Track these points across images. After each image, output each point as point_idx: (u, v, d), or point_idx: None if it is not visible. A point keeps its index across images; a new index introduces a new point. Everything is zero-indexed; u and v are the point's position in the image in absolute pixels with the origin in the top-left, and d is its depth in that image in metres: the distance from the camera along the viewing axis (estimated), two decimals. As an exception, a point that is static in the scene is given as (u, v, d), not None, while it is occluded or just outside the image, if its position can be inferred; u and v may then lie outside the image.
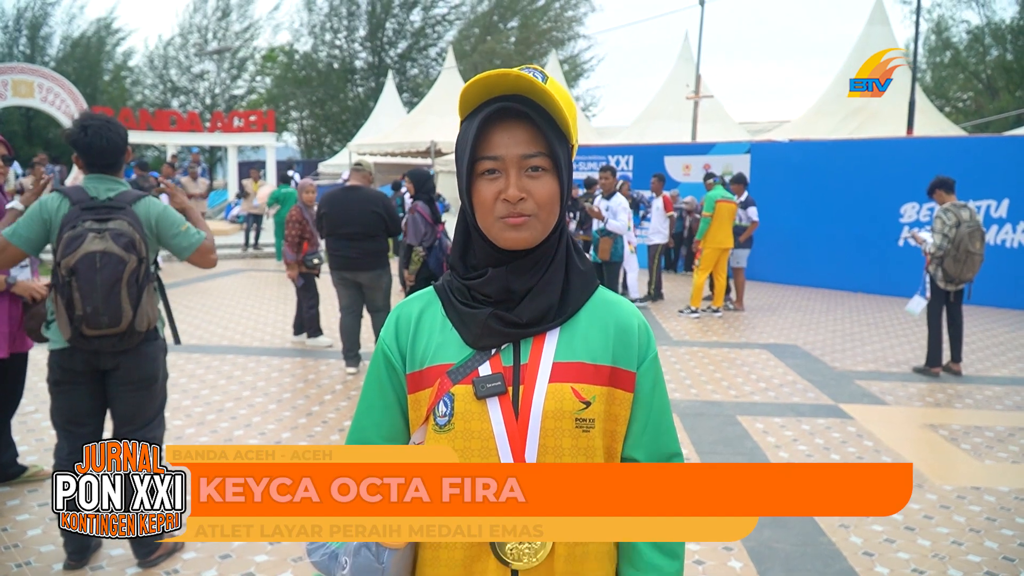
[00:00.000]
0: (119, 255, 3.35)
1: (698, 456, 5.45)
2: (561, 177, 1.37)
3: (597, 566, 1.40)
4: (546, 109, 1.34)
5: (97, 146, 3.50)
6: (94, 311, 3.32)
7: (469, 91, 1.33)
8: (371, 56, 47.40)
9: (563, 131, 1.37)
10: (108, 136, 3.52)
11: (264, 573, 3.75)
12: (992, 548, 4.19)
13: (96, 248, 3.31)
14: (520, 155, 1.33)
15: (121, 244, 3.37)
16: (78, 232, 3.33)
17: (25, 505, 4.44)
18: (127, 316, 3.40)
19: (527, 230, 1.34)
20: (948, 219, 7.45)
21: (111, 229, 3.37)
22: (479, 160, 1.35)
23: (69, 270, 3.29)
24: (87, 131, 3.49)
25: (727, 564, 3.96)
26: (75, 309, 3.32)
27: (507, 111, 1.33)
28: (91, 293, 3.30)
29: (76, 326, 3.34)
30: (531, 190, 1.34)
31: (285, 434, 5.72)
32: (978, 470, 5.36)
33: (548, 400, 1.35)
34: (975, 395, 7.20)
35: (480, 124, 1.33)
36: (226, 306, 11.06)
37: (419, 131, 23.51)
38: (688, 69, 23.55)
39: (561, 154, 1.36)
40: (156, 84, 46.84)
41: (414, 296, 1.50)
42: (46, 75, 25.18)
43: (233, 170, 29.61)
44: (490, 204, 1.35)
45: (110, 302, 3.34)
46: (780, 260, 14.26)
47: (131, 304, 3.41)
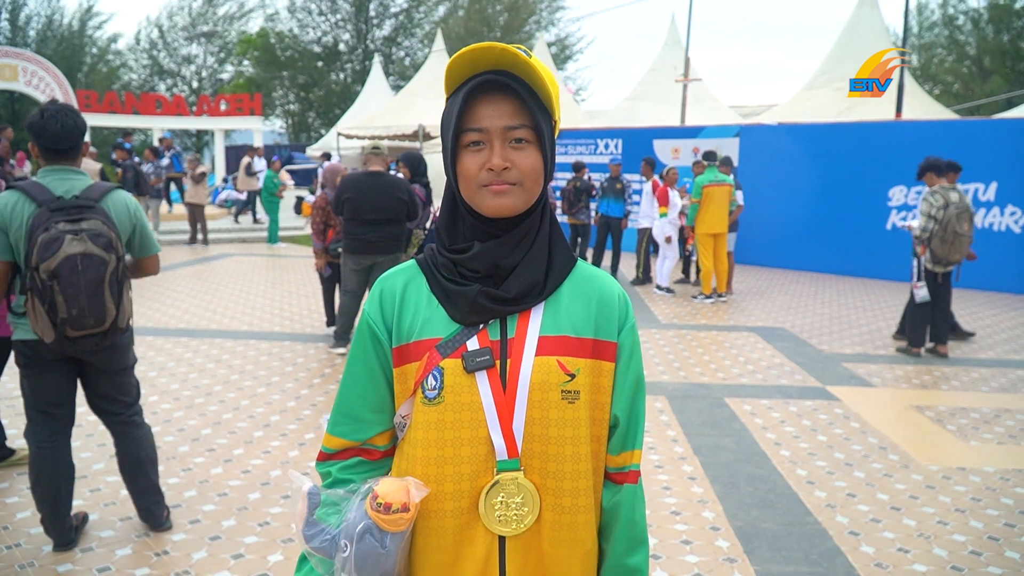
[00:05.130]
0: (100, 256, 3.33)
1: (686, 438, 5.48)
2: (544, 151, 1.38)
3: (584, 532, 1.43)
4: (529, 84, 1.36)
5: (52, 130, 3.41)
6: (80, 313, 3.30)
7: (455, 65, 1.35)
8: (355, 39, 47.09)
9: (546, 106, 1.39)
10: (64, 121, 3.43)
11: (254, 554, 3.76)
12: (977, 528, 4.23)
13: (76, 251, 3.26)
14: (504, 127, 1.35)
15: (100, 245, 3.34)
16: (53, 235, 3.25)
17: (14, 488, 4.43)
18: (111, 315, 3.41)
19: (510, 197, 1.36)
20: (935, 201, 7.49)
21: (87, 230, 3.32)
22: (464, 132, 1.36)
23: (50, 274, 3.22)
24: (44, 114, 3.43)
25: (714, 544, 3.99)
26: (58, 312, 3.27)
27: (492, 84, 1.34)
28: (75, 296, 3.27)
29: (60, 329, 3.31)
30: (515, 160, 1.36)
31: (274, 417, 5.72)
32: (963, 451, 5.41)
33: (535, 373, 1.38)
34: (961, 377, 7.25)
35: (465, 97, 1.34)
36: (214, 290, 11.02)
37: (406, 114, 23.43)
38: (676, 52, 23.54)
39: (545, 128, 1.38)
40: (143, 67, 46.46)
41: (396, 269, 1.51)
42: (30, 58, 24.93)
43: (220, 154, 29.45)
44: (474, 174, 1.36)
45: (95, 303, 3.33)
46: (768, 243, 14.29)
47: (114, 303, 3.42)
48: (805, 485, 4.74)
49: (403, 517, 1.31)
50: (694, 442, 5.41)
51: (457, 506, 1.38)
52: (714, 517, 4.30)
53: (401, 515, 1.31)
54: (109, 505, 4.21)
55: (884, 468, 5.04)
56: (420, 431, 1.40)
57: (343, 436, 1.47)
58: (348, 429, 1.47)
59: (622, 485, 1.48)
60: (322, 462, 1.50)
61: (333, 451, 1.48)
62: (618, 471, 1.48)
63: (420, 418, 1.40)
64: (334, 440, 1.48)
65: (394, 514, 1.31)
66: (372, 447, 1.47)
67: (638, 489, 1.50)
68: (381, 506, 1.31)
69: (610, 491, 1.48)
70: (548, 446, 1.39)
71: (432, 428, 1.39)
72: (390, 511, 1.30)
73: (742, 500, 4.51)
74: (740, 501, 4.50)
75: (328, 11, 46.47)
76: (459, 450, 1.38)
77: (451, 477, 1.38)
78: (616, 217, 12.15)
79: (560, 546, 1.41)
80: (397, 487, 1.33)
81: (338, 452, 1.48)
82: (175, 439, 5.22)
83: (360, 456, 1.47)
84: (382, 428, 1.47)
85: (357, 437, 1.46)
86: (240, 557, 3.74)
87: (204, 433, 5.37)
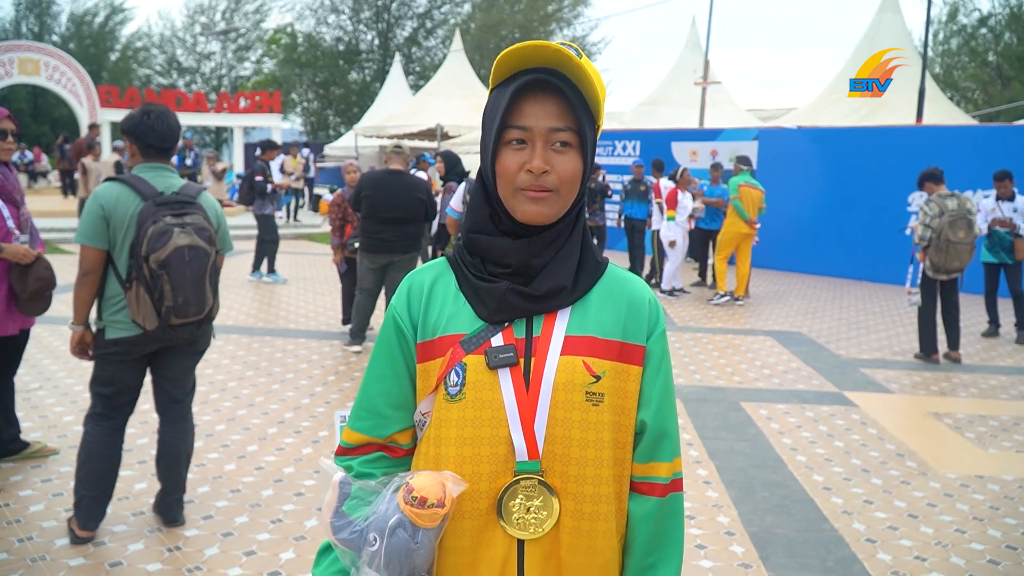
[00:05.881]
0: (205, 248, 3.56)
1: (701, 441, 5.44)
2: (585, 156, 1.36)
3: (604, 542, 1.39)
4: (578, 86, 1.34)
5: (159, 130, 3.61)
6: (184, 302, 3.50)
7: (504, 60, 1.32)
8: (377, 38, 47.23)
9: (592, 110, 1.37)
10: (168, 121, 3.65)
11: (266, 551, 3.76)
12: (995, 536, 4.18)
13: (184, 243, 3.47)
14: (549, 128, 1.33)
15: (204, 238, 3.57)
16: (162, 227, 3.44)
17: (28, 481, 4.45)
18: (209, 303, 3.65)
19: (547, 205, 1.34)
20: (930, 209, 7.54)
21: (191, 224, 3.54)
22: (507, 128, 1.34)
23: (160, 264, 3.41)
24: (150, 115, 3.62)
25: (729, 549, 3.95)
26: (165, 301, 3.46)
27: (540, 83, 1.33)
28: (183, 285, 3.47)
29: (165, 317, 3.48)
30: (555, 164, 1.34)
31: (288, 414, 5.72)
32: (982, 459, 5.34)
33: (559, 372, 1.35)
34: (979, 384, 7.18)
35: (513, 93, 1.33)
36: (231, 286, 11.06)
37: (425, 113, 23.42)
38: (696, 55, 23.45)
39: (588, 133, 1.36)
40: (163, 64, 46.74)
41: (426, 266, 1.49)
42: (52, 53, 25.15)
43: (239, 151, 29.59)
44: (513, 173, 1.34)
45: (198, 293, 3.55)
46: (786, 247, 14.20)
47: (212, 292, 3.67)
48: (821, 491, 4.70)
49: (438, 512, 1.28)
50: (709, 446, 5.37)
51: (475, 507, 1.35)
52: (729, 522, 4.26)
53: (436, 510, 1.27)
54: (122, 499, 4.22)
55: (902, 475, 4.98)
56: (441, 429, 1.38)
57: (363, 432, 1.44)
58: (369, 424, 1.44)
59: (649, 497, 1.42)
60: (341, 456, 1.47)
61: (353, 446, 1.45)
62: (643, 480, 1.43)
63: (441, 416, 1.38)
64: (354, 435, 1.45)
65: (429, 509, 1.27)
66: (395, 444, 1.45)
67: (667, 503, 1.43)
68: (416, 500, 1.27)
69: (636, 503, 1.43)
70: (570, 448, 1.35)
71: (453, 426, 1.36)
72: (425, 505, 1.27)
73: (757, 505, 4.47)
74: (755, 506, 4.46)
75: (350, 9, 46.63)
76: (479, 449, 1.35)
77: (469, 477, 1.34)
78: (640, 219, 12.15)
79: (578, 553, 1.37)
80: (433, 481, 1.29)
81: (358, 447, 1.45)
82: (189, 434, 5.22)
83: (382, 452, 1.44)
84: (403, 425, 1.44)
85: (377, 433, 1.44)
86: (252, 554, 3.74)
87: (218, 429, 5.38)
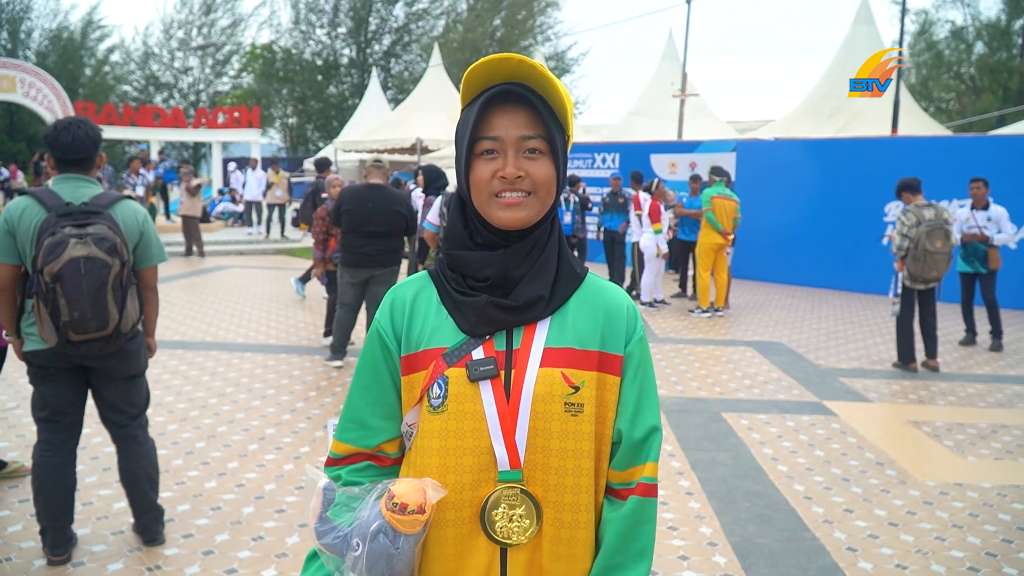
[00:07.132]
0: (103, 259, 3.36)
1: (683, 452, 5.46)
2: (557, 163, 1.39)
3: (584, 550, 1.41)
4: (545, 96, 1.37)
5: (64, 141, 3.49)
6: (81, 316, 3.32)
7: (472, 75, 1.36)
8: (355, 53, 47.20)
9: (560, 119, 1.40)
10: (76, 132, 3.52)
11: (247, 569, 3.73)
12: (975, 544, 4.21)
13: (79, 254, 3.30)
14: (519, 136, 1.36)
15: (104, 248, 3.37)
16: (59, 239, 3.29)
17: (5, 501, 4.39)
18: (113, 319, 3.43)
19: (523, 209, 1.37)
20: (907, 219, 7.63)
21: (92, 234, 3.36)
22: (478, 140, 1.37)
23: (53, 276, 3.26)
24: (57, 127, 3.54)
25: (712, 560, 3.96)
26: (61, 315, 3.30)
27: (508, 94, 1.36)
28: (78, 298, 3.29)
29: (63, 332, 3.33)
30: (529, 170, 1.37)
31: (269, 430, 5.69)
32: (961, 466, 5.39)
33: (538, 384, 1.38)
34: (958, 392, 7.24)
35: (482, 106, 1.36)
36: (210, 302, 10.99)
37: (405, 128, 23.44)
38: (673, 68, 23.61)
39: (558, 140, 1.39)
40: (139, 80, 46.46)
41: (408, 280, 1.52)
42: (28, 70, 24.97)
43: (217, 166, 29.46)
44: (486, 181, 1.37)
45: (97, 306, 3.35)
46: (765, 258, 14.29)
47: (117, 307, 3.43)
48: (803, 500, 4.72)
49: (418, 519, 1.30)
50: (691, 457, 5.39)
51: (457, 516, 1.38)
52: (711, 532, 4.27)
53: (416, 516, 1.30)
54: (101, 519, 4.18)
55: (881, 484, 5.02)
56: (424, 440, 1.41)
57: (351, 442, 1.48)
58: (356, 435, 1.48)
59: (621, 501, 1.43)
60: (330, 467, 1.50)
61: (341, 456, 1.49)
62: (623, 486, 1.43)
63: (425, 427, 1.41)
64: (342, 446, 1.49)
65: (410, 515, 1.29)
66: (383, 454, 1.48)
67: (646, 503, 1.43)
68: (397, 506, 1.30)
69: (611, 505, 1.44)
70: (550, 458, 1.38)
71: (436, 437, 1.39)
72: (406, 512, 1.29)
73: (739, 515, 4.49)
74: (737, 516, 4.47)
75: (329, 25, 46.60)
76: (461, 459, 1.38)
77: (452, 486, 1.37)
78: (618, 231, 12.18)
79: (559, 561, 1.39)
80: (414, 488, 1.32)
81: (346, 457, 1.48)
82: (169, 452, 5.18)
83: (370, 461, 1.47)
84: (390, 436, 1.47)
85: (365, 443, 1.47)
86: (233, 572, 3.70)
87: (198, 446, 5.34)
